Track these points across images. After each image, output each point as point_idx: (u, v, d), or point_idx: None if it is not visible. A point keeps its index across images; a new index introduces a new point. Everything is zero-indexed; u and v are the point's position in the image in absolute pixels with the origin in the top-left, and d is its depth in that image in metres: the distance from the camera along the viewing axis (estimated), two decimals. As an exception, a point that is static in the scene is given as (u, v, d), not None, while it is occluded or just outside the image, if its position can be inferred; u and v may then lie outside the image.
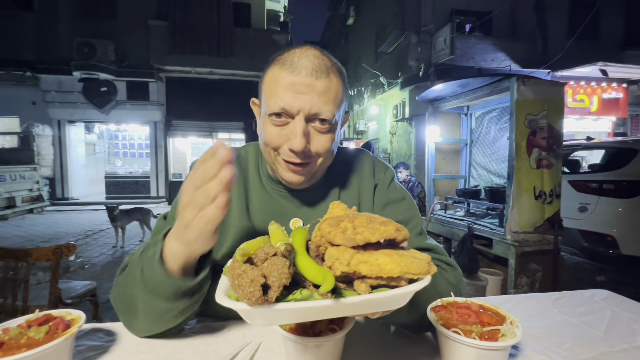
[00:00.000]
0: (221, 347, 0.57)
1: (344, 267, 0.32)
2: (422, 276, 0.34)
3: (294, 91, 0.56)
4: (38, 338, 0.46)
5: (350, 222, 0.36)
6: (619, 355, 0.55)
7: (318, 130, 0.60)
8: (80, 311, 0.53)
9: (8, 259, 1.73)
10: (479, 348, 0.46)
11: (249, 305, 0.31)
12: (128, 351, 0.56)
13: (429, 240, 0.72)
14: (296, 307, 0.32)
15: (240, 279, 0.31)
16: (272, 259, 0.33)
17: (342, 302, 0.32)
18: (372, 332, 0.62)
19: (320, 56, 0.60)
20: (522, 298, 0.77)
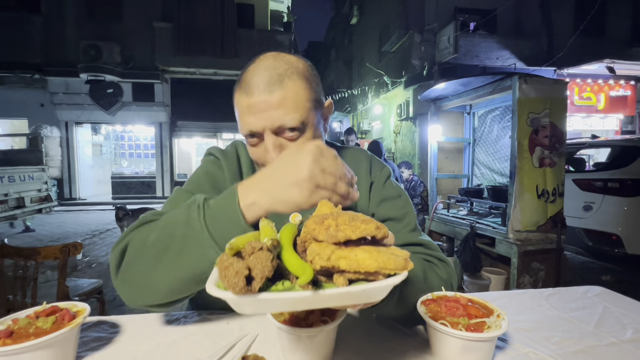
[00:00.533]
0: (220, 338, 0.59)
1: (323, 262, 0.34)
2: (399, 272, 0.35)
3: (253, 112, 0.58)
4: (45, 328, 0.49)
5: (333, 220, 0.37)
6: (606, 349, 0.56)
7: (290, 138, 0.61)
8: (85, 303, 0.56)
9: (17, 257, 1.78)
10: (465, 339, 0.48)
11: (234, 295, 0.33)
12: (131, 342, 0.59)
13: (422, 236, 0.73)
14: (277, 297, 0.34)
15: (227, 270, 0.33)
16: (257, 252, 0.35)
17: (320, 294, 0.34)
18: (364, 325, 0.64)
19: (272, 66, 0.60)
20: (515, 294, 0.79)
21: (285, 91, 0.58)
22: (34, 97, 9.14)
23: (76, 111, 9.25)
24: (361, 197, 0.77)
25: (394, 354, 0.54)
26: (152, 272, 0.51)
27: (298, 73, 0.61)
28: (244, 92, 0.59)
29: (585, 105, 9.40)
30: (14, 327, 0.49)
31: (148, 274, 0.52)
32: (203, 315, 0.68)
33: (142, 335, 0.61)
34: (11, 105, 9.07)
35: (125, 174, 10.29)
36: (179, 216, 0.51)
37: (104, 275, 3.66)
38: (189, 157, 11.17)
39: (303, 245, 0.39)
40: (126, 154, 11.67)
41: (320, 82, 0.68)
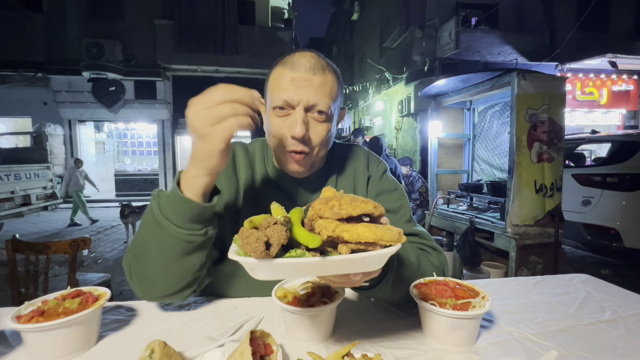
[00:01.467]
0: (228, 320, 0.65)
1: (329, 232, 0.40)
2: (394, 243, 0.41)
3: (294, 85, 0.65)
4: (72, 308, 0.54)
5: (337, 201, 0.43)
6: (584, 328, 0.61)
7: (316, 119, 0.67)
8: (106, 288, 0.61)
9: (28, 251, 1.84)
10: (451, 317, 0.53)
11: (255, 259, 0.38)
12: (147, 323, 0.64)
13: (417, 227, 0.78)
14: (291, 262, 0.40)
15: (248, 239, 0.39)
16: (273, 226, 0.41)
17: (327, 260, 0.40)
18: (362, 308, 0.69)
19: (317, 57, 0.68)
20: (505, 281, 0.84)
21: (325, 78, 0.66)
22: (37, 96, 9.22)
23: (79, 109, 9.31)
24: (359, 190, 0.82)
25: (388, 332, 0.59)
26: (150, 268, 0.59)
27: (335, 72, 0.71)
28: (289, 67, 0.66)
29: (588, 100, 9.37)
30: (45, 308, 0.54)
31: (148, 271, 0.59)
32: (213, 301, 0.73)
33: (157, 318, 0.66)
34: (15, 103, 9.14)
35: (128, 172, 10.37)
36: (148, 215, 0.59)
37: (110, 270, 3.74)
38: (191, 155, 11.22)
39: (310, 224, 0.44)
40: (129, 152, 11.75)
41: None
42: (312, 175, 0.78)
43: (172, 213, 0.55)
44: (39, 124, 8.88)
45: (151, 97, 9.52)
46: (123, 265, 0.64)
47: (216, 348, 0.53)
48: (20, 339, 0.58)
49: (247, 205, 0.75)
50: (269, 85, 0.70)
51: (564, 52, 8.22)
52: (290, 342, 0.57)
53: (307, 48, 0.72)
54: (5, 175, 4.82)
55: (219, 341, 0.54)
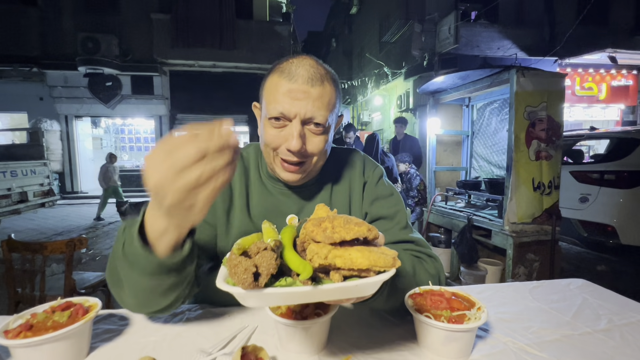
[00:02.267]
0: (222, 329, 0.64)
1: (321, 260, 0.39)
2: (388, 269, 0.39)
3: (291, 97, 0.62)
4: (62, 321, 0.53)
5: (330, 223, 0.41)
6: (579, 338, 0.61)
7: (313, 132, 0.66)
8: (97, 298, 0.60)
9: (25, 251, 1.83)
10: (446, 330, 0.52)
11: (243, 289, 0.37)
12: (139, 333, 0.64)
13: (413, 234, 0.77)
14: (281, 291, 0.39)
15: (236, 268, 0.38)
16: (262, 252, 0.39)
17: (319, 289, 0.39)
18: (357, 316, 0.68)
19: (316, 65, 0.66)
20: (501, 286, 0.83)
21: (323, 90, 0.64)
22: (33, 91, 9.12)
23: (75, 105, 9.23)
24: (355, 196, 0.81)
25: (382, 342, 0.59)
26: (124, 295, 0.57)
27: (334, 81, 0.68)
28: (286, 77, 0.63)
29: (587, 95, 9.35)
30: (33, 321, 0.53)
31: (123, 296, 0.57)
32: (206, 309, 0.73)
33: (150, 327, 0.66)
34: (10, 99, 9.05)
35: (126, 167, 10.33)
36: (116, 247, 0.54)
37: (108, 267, 3.74)
38: (189, 150, 11.18)
39: (302, 246, 0.43)
40: (127, 148, 11.68)
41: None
42: (307, 183, 0.77)
43: (135, 262, 0.50)
44: (35, 119, 8.81)
45: (148, 93, 9.44)
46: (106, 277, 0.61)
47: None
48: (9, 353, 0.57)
49: (239, 212, 0.74)
50: (265, 92, 0.68)
51: (563, 47, 8.17)
52: (283, 355, 0.56)
53: (305, 54, 0.69)
54: (1, 172, 4.79)
55: (211, 355, 0.54)
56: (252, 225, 0.74)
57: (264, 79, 0.70)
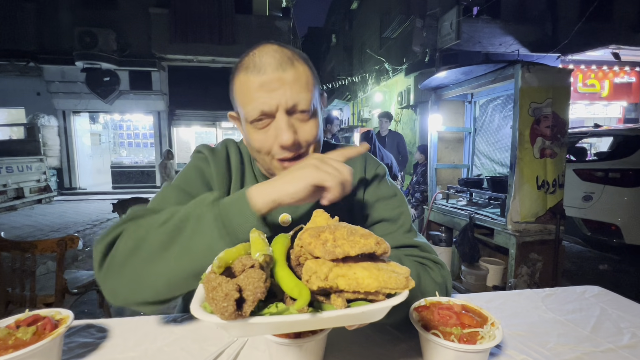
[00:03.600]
0: (208, 344, 0.58)
1: (320, 282, 0.32)
2: (399, 291, 0.33)
3: (266, 90, 0.56)
4: (25, 339, 0.47)
5: (331, 234, 0.35)
6: (602, 356, 0.55)
7: (301, 120, 0.60)
8: (69, 311, 0.54)
9: (15, 250, 1.78)
10: (457, 350, 0.46)
11: (221, 319, 0.30)
12: (117, 348, 0.58)
13: (418, 238, 0.72)
14: (271, 321, 0.32)
15: (214, 292, 0.30)
16: (249, 271, 0.32)
17: (317, 317, 0.32)
18: (356, 331, 0.63)
19: (280, 49, 0.60)
20: (511, 294, 0.77)
21: (296, 71, 0.58)
22: (30, 86, 9.02)
23: (73, 100, 9.14)
24: (357, 197, 0.75)
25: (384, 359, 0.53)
26: (152, 266, 0.49)
27: (304, 59, 0.62)
28: (253, 72, 0.57)
29: (589, 92, 9.28)
30: (-6, 338, 0.47)
31: (146, 268, 0.49)
32: (192, 320, 0.67)
33: (129, 340, 0.60)
34: (7, 94, 8.96)
35: (124, 164, 10.26)
36: (190, 210, 0.51)
37: (105, 265, 3.70)
38: (188, 146, 11.10)
39: (297, 260, 0.37)
40: (125, 143, 11.61)
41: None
42: None
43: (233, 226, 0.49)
44: (32, 115, 8.72)
45: (146, 88, 9.35)
46: (94, 248, 0.54)
47: (189, 385, 0.46)
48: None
49: None
50: (237, 96, 0.61)
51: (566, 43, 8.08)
52: (274, 375, 0.50)
53: (265, 41, 0.62)
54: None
55: (193, 377, 0.48)
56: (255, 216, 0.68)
57: (231, 83, 0.63)
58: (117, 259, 0.51)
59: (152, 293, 0.51)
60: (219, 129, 10.38)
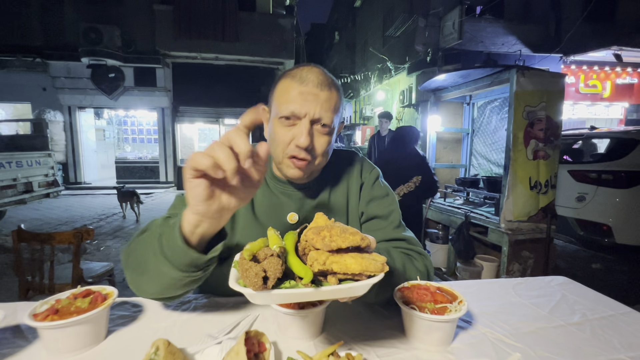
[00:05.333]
0: (226, 317, 0.70)
1: (320, 266, 0.44)
2: (377, 273, 0.45)
3: (302, 98, 0.69)
4: (83, 307, 0.59)
5: (328, 232, 0.47)
6: (553, 330, 0.66)
7: (319, 132, 0.72)
8: (114, 287, 0.66)
9: (34, 241, 1.90)
10: (429, 320, 0.58)
11: (253, 290, 0.43)
12: (151, 319, 0.70)
13: (406, 232, 0.83)
14: (286, 292, 0.44)
15: (247, 272, 0.43)
16: (270, 258, 0.45)
17: (318, 290, 0.44)
18: (350, 308, 0.74)
19: (324, 73, 0.73)
20: (487, 282, 0.89)
21: (331, 94, 0.71)
22: (36, 81, 9.14)
23: (78, 96, 9.26)
24: (352, 196, 0.86)
25: (373, 332, 0.65)
26: (142, 280, 0.62)
27: (339, 90, 0.75)
28: (298, 81, 0.70)
29: (591, 93, 9.31)
30: (58, 306, 0.59)
31: (140, 281, 0.62)
32: (211, 298, 0.78)
33: (161, 314, 0.72)
34: (14, 89, 9.08)
35: (129, 159, 10.39)
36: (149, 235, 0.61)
37: (112, 258, 3.82)
38: (191, 143, 11.22)
39: (303, 251, 0.49)
40: (129, 139, 11.72)
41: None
42: (308, 183, 0.82)
43: (170, 253, 0.55)
44: (38, 110, 8.85)
45: (151, 85, 9.45)
46: (121, 257, 0.67)
47: (215, 345, 0.58)
48: (36, 333, 0.63)
49: (244, 209, 0.79)
50: (276, 94, 0.73)
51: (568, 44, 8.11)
52: (282, 340, 0.62)
53: (313, 64, 0.75)
54: (7, 163, 4.85)
55: (218, 339, 0.60)
56: (255, 221, 0.79)
57: (274, 84, 0.75)
58: (126, 269, 0.65)
59: (151, 294, 0.64)
60: (222, 125, 10.48)
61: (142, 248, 0.61)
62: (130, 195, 5.61)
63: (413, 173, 2.80)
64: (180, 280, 0.57)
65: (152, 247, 0.58)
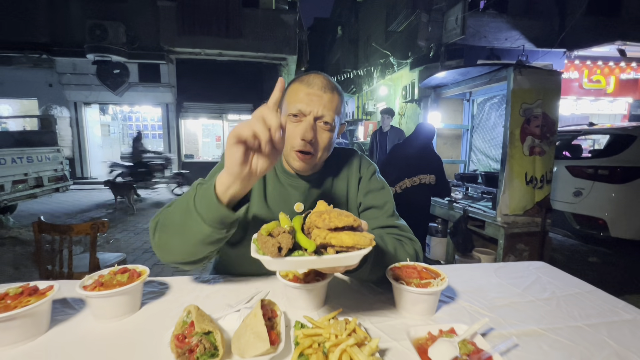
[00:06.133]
0: (241, 293, 0.81)
1: (321, 240, 0.55)
2: (367, 246, 0.56)
3: (309, 99, 0.81)
4: (123, 281, 0.70)
5: (328, 215, 0.58)
6: (524, 304, 0.76)
7: (322, 128, 0.83)
8: (145, 266, 0.77)
9: (53, 232, 2.02)
10: (415, 293, 0.68)
11: (271, 257, 0.54)
12: (176, 295, 0.81)
13: (399, 221, 0.93)
14: (295, 260, 0.56)
15: (266, 244, 0.55)
16: (282, 234, 0.56)
17: (320, 258, 0.56)
18: (349, 286, 0.85)
19: (327, 79, 0.85)
20: (472, 266, 0.99)
21: (333, 96, 0.83)
22: (42, 77, 9.28)
23: (84, 91, 9.39)
24: (352, 188, 0.97)
25: (367, 304, 0.75)
26: (170, 240, 0.70)
27: (341, 93, 0.87)
28: (305, 84, 0.82)
29: (594, 88, 9.28)
30: (102, 280, 0.70)
31: (168, 241, 0.70)
32: (227, 278, 0.90)
33: (184, 290, 0.83)
34: (20, 85, 9.23)
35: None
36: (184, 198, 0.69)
37: (121, 250, 3.97)
38: (195, 138, 11.34)
39: (308, 230, 0.60)
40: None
41: None
42: (312, 175, 0.93)
43: (203, 210, 0.63)
44: (45, 106, 9.00)
45: (155, 80, 9.55)
46: (149, 225, 0.75)
47: (234, 312, 0.69)
48: (81, 305, 0.74)
49: (258, 197, 0.90)
50: (286, 96, 0.85)
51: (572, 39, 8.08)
52: (290, 310, 0.73)
53: (319, 72, 0.87)
54: (18, 158, 5.00)
55: (236, 307, 0.71)
56: (266, 208, 0.90)
57: (286, 88, 0.87)
58: (157, 234, 0.73)
59: (180, 257, 0.72)
60: (225, 121, 10.59)
61: (175, 211, 0.69)
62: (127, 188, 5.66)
63: (424, 171, 2.80)
64: (208, 236, 0.66)
65: (185, 207, 0.66)
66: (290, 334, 0.61)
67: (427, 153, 2.85)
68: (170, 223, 0.70)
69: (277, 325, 0.62)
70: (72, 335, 0.64)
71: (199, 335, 0.55)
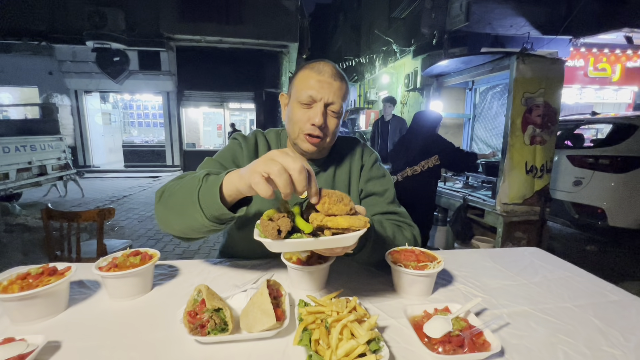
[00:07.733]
0: (247, 275, 0.85)
1: (318, 222, 0.58)
2: (361, 228, 0.59)
3: (320, 86, 0.84)
4: (136, 262, 0.74)
5: (328, 198, 0.60)
6: (516, 286, 0.80)
7: (331, 114, 0.87)
8: (156, 250, 0.81)
9: (62, 219, 2.07)
10: (412, 275, 0.72)
11: (271, 240, 0.57)
12: (185, 277, 0.85)
13: (398, 207, 0.97)
14: (294, 241, 0.59)
15: (266, 227, 0.58)
16: (282, 218, 0.59)
17: (317, 239, 0.59)
18: (349, 269, 0.89)
19: (336, 67, 0.88)
20: (469, 252, 1.03)
21: (341, 85, 0.86)
22: (42, 65, 9.22)
23: (84, 79, 9.34)
24: (354, 175, 1.00)
25: (367, 286, 0.79)
26: (170, 216, 0.73)
27: (347, 83, 0.91)
28: (315, 71, 0.85)
29: (599, 77, 9.16)
30: (116, 262, 0.74)
31: (168, 217, 0.73)
32: (233, 261, 0.94)
33: (193, 273, 0.87)
34: (20, 73, 9.18)
35: (135, 143, 10.55)
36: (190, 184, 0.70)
37: (126, 238, 4.04)
38: (196, 127, 11.32)
39: (307, 215, 0.63)
40: (135, 123, 11.84)
41: None
42: (318, 160, 0.96)
43: (205, 204, 0.65)
44: (46, 94, 8.97)
45: (155, 68, 9.48)
46: (155, 194, 0.78)
47: (241, 292, 0.73)
48: (96, 286, 0.79)
49: None
50: (296, 82, 0.88)
51: (579, 26, 7.93)
52: (294, 291, 0.77)
53: (327, 60, 0.90)
54: (22, 146, 5.04)
55: (243, 287, 0.75)
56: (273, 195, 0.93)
57: (294, 75, 0.90)
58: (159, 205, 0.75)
59: (175, 230, 0.75)
60: (226, 109, 10.55)
61: (179, 192, 0.71)
62: None
63: (426, 156, 2.79)
64: (206, 227, 0.68)
65: (189, 195, 0.68)
66: (294, 312, 0.65)
67: (430, 141, 2.84)
68: (173, 202, 0.72)
69: (282, 303, 0.66)
70: (89, 312, 0.68)
71: (209, 312, 0.59)
